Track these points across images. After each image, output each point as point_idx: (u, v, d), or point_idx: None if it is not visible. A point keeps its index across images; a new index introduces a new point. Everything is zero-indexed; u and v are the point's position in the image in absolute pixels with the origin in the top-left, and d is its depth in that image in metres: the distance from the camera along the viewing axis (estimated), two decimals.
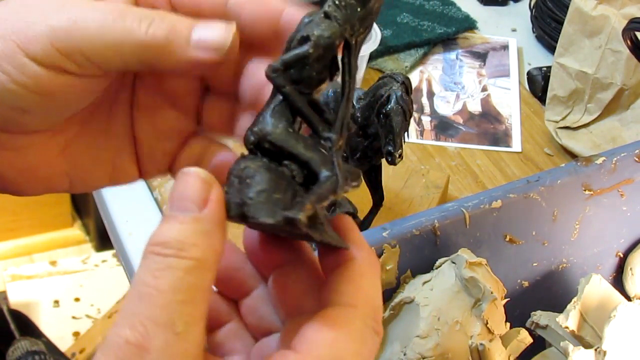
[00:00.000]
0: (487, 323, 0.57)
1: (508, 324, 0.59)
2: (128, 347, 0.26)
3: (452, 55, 1.20)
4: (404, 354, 0.57)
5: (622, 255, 0.72)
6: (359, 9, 0.32)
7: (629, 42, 0.83)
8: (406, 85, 0.68)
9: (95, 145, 0.38)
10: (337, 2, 0.32)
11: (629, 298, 0.68)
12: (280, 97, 0.32)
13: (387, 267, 0.59)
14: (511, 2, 1.33)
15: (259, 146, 0.31)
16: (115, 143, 0.38)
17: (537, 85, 1.12)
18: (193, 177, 0.29)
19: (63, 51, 0.32)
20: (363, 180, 0.79)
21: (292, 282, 0.33)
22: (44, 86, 0.33)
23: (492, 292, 0.57)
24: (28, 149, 0.36)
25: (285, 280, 0.34)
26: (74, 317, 1.74)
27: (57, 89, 0.33)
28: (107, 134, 0.38)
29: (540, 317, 0.62)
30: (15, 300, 1.76)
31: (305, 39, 0.31)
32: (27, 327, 1.42)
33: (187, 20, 0.33)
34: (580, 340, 0.60)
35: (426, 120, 1.09)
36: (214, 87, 0.38)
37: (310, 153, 0.30)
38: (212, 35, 0.32)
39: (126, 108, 0.38)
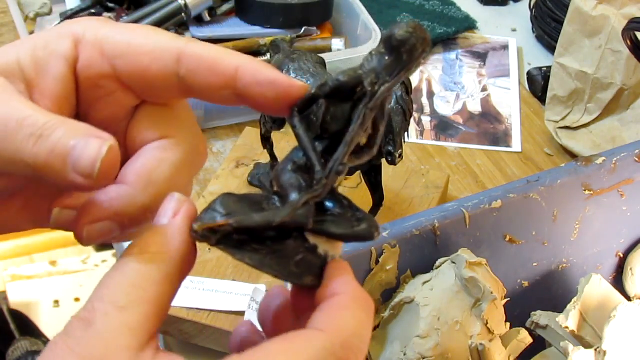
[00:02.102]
0: (487, 323, 0.57)
1: (508, 324, 0.59)
2: (75, 321, 0.29)
3: (452, 55, 1.20)
4: (404, 354, 0.57)
5: (622, 255, 0.72)
6: (386, 58, 0.32)
7: (629, 42, 0.83)
8: (406, 85, 0.68)
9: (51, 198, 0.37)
10: (371, 52, 0.33)
11: (629, 298, 0.68)
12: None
13: (387, 267, 0.59)
14: (511, 2, 1.33)
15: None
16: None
17: (537, 85, 1.12)
18: (169, 199, 0.32)
19: None
20: (363, 180, 0.79)
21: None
22: None
23: (492, 292, 0.57)
24: None
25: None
26: None
27: None
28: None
29: (540, 317, 0.62)
30: (15, 300, 1.76)
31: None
32: (27, 327, 1.42)
33: (76, 134, 0.31)
34: (580, 340, 0.60)
35: (426, 120, 1.09)
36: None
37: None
38: (84, 160, 0.31)
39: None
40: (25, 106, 0.32)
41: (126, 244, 0.32)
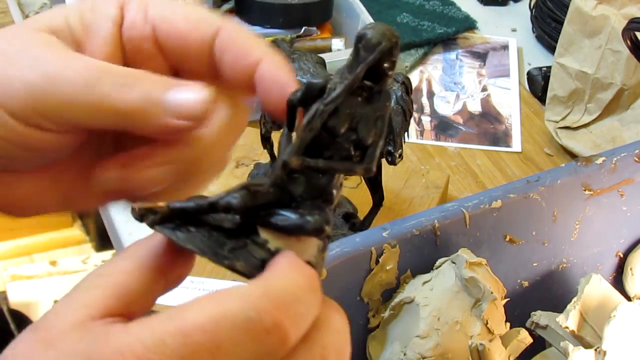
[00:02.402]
0: (487, 323, 0.57)
1: (508, 324, 0.59)
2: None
3: (452, 55, 1.20)
4: (404, 354, 0.57)
5: (622, 255, 0.72)
6: (351, 58, 0.32)
7: (629, 42, 0.83)
8: (406, 85, 0.68)
9: (87, 175, 0.37)
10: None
11: (629, 298, 0.68)
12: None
13: (387, 267, 0.59)
14: (511, 2, 1.33)
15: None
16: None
17: (537, 85, 1.12)
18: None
19: (40, 111, 0.32)
20: (363, 180, 0.79)
21: None
22: (25, 141, 0.33)
23: (492, 292, 0.57)
24: (18, 183, 0.36)
25: None
26: None
27: (39, 144, 0.33)
28: (96, 164, 0.38)
29: (540, 317, 0.62)
30: (15, 300, 1.76)
31: None
32: (27, 327, 1.42)
33: (162, 84, 0.32)
34: (580, 340, 0.60)
35: (426, 120, 1.09)
36: None
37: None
38: (186, 102, 0.32)
39: (109, 140, 0.38)
40: (97, 60, 0.33)
41: (126, 244, 0.32)
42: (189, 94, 0.32)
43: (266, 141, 0.82)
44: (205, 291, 0.75)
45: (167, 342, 0.26)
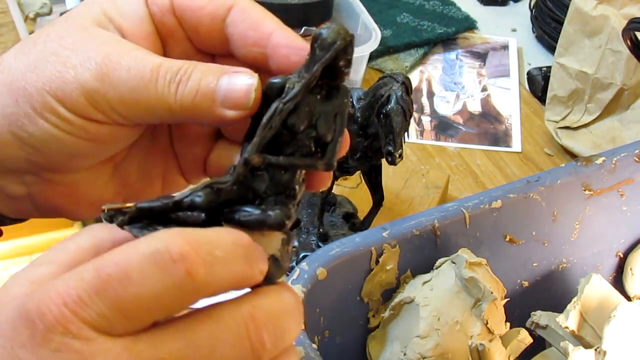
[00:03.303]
0: (487, 323, 0.57)
1: (508, 324, 0.59)
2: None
3: (452, 55, 1.20)
4: (404, 354, 0.57)
5: (622, 255, 0.72)
6: (308, 57, 0.33)
7: (629, 42, 0.83)
8: (406, 85, 0.68)
9: (144, 165, 0.39)
10: None
11: (629, 298, 0.68)
12: None
13: (387, 267, 0.59)
14: (511, 2, 1.33)
15: None
16: (162, 158, 0.40)
17: (537, 85, 1.12)
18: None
19: (98, 108, 0.33)
20: (363, 180, 0.79)
21: None
22: (88, 134, 0.34)
23: (492, 292, 0.57)
24: (79, 182, 0.37)
25: None
26: None
27: (100, 136, 0.34)
28: (153, 153, 0.40)
29: (540, 317, 0.62)
30: None
31: None
32: None
33: (212, 72, 0.33)
34: (580, 340, 0.60)
35: (426, 120, 1.09)
36: None
37: None
38: (236, 92, 0.33)
39: (165, 125, 0.40)
40: (148, 54, 0.34)
41: None
42: (239, 84, 0.33)
43: None
44: None
45: (84, 276, 0.27)
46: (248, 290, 0.30)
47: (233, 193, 0.32)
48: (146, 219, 0.31)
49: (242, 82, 0.33)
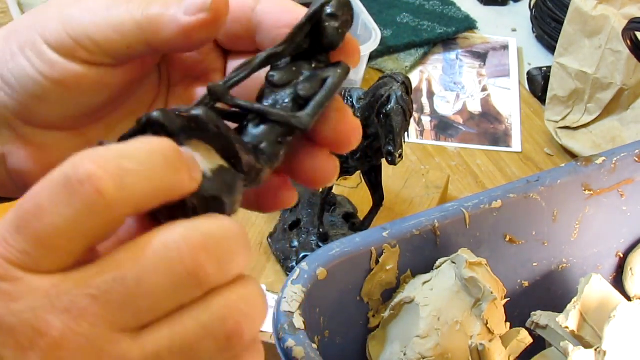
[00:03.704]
0: (487, 323, 0.57)
1: (508, 324, 0.59)
2: None
3: (452, 55, 1.20)
4: (404, 354, 0.57)
5: (622, 255, 0.72)
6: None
7: (629, 42, 0.83)
8: (406, 85, 0.68)
9: None
10: None
11: (629, 298, 0.68)
12: None
13: (387, 267, 0.59)
14: (511, 2, 1.33)
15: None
16: None
17: (537, 85, 1.12)
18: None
19: (74, 36, 0.34)
20: (363, 180, 0.79)
21: None
22: (59, 74, 0.34)
23: (492, 292, 0.57)
24: (50, 146, 0.37)
25: None
26: None
27: (71, 78, 0.34)
28: None
29: (540, 317, 0.62)
30: None
31: None
32: None
33: None
34: (580, 340, 0.60)
35: (426, 120, 1.09)
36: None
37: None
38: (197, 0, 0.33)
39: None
40: None
41: None
42: None
43: None
44: None
45: (7, 216, 0.27)
46: None
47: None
48: None
49: None
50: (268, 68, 0.34)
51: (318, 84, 0.32)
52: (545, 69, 1.11)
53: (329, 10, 0.32)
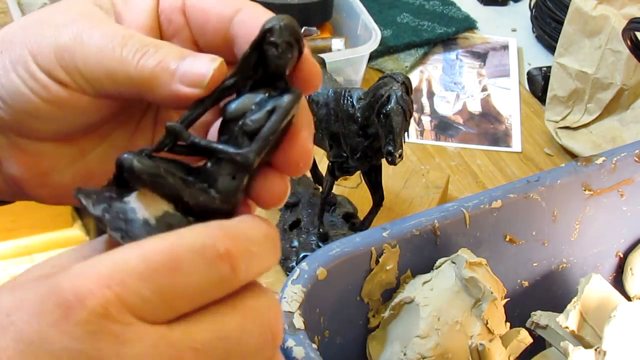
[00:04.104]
0: (487, 323, 0.57)
1: (508, 324, 0.59)
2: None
3: (452, 55, 1.20)
4: (404, 354, 0.57)
5: (622, 255, 0.72)
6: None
7: (629, 42, 0.83)
8: (406, 85, 0.68)
9: (114, 161, 0.39)
10: None
11: (629, 298, 0.68)
12: None
13: (387, 267, 0.59)
14: (511, 2, 1.33)
15: None
16: None
17: (537, 85, 1.12)
18: None
19: (64, 67, 0.34)
20: (363, 180, 0.79)
21: None
22: (51, 96, 0.35)
23: (492, 292, 0.57)
24: (44, 155, 0.37)
25: None
26: None
27: (63, 102, 0.35)
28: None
29: (540, 317, 0.62)
30: None
31: None
32: None
33: (177, 54, 0.34)
34: (580, 340, 0.60)
35: (426, 120, 1.09)
36: None
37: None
38: (194, 70, 0.33)
39: (150, 127, 0.40)
40: (127, 28, 0.35)
41: None
42: (199, 64, 0.33)
43: None
44: None
45: (128, 260, 0.27)
46: None
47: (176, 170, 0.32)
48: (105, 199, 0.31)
49: (203, 62, 0.33)
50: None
51: (265, 116, 0.32)
52: (545, 69, 1.11)
53: (269, 37, 0.32)
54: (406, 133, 0.68)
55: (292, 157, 0.33)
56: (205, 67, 0.33)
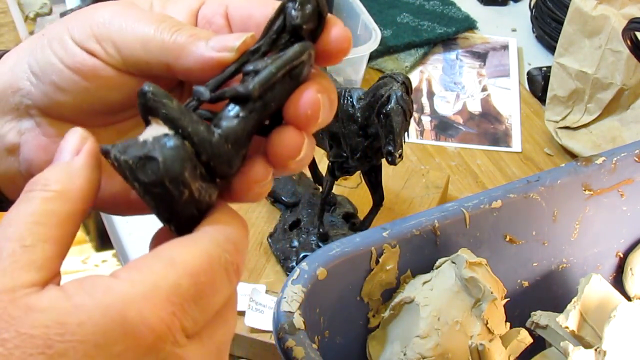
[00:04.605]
0: (487, 323, 0.57)
1: (508, 324, 0.59)
2: None
3: (452, 55, 1.20)
4: (404, 354, 0.57)
5: (622, 255, 0.72)
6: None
7: (629, 42, 0.83)
8: (406, 85, 0.68)
9: None
10: None
11: (629, 298, 0.68)
12: None
13: (387, 267, 0.59)
14: (511, 2, 1.33)
15: None
16: None
17: (537, 85, 1.12)
18: (72, 133, 0.34)
19: (98, 36, 0.36)
20: (363, 180, 0.79)
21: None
22: (78, 64, 0.36)
23: (492, 292, 0.57)
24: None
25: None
26: None
27: (89, 71, 0.36)
28: None
29: (540, 317, 0.62)
30: None
31: None
32: None
33: (210, 32, 0.36)
34: (580, 340, 0.60)
35: (426, 120, 1.09)
36: None
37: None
38: (226, 40, 0.35)
39: None
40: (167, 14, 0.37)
41: (128, 246, 0.33)
42: (230, 37, 0.35)
43: None
44: None
45: (184, 286, 0.29)
46: None
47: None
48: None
49: (234, 35, 0.35)
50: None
51: (273, 60, 0.33)
52: (545, 69, 1.11)
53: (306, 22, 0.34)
54: (406, 133, 0.68)
55: (300, 106, 0.34)
56: (237, 37, 0.35)
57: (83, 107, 0.38)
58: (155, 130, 0.31)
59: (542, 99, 1.11)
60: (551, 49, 1.15)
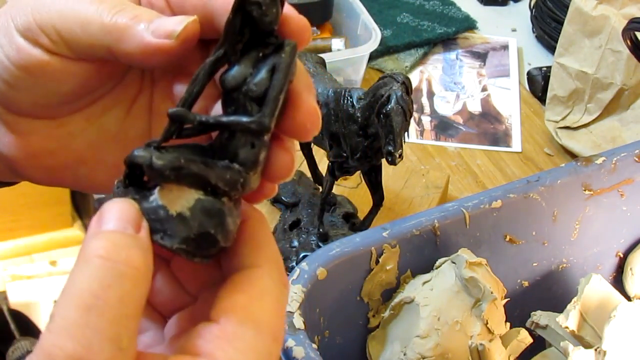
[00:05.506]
0: (487, 323, 0.57)
1: (508, 324, 0.59)
2: None
3: (452, 55, 1.20)
4: (404, 354, 0.57)
5: (622, 255, 0.72)
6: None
7: (629, 42, 0.83)
8: (406, 85, 0.68)
9: (105, 147, 0.39)
10: None
11: (629, 298, 0.68)
12: None
13: (387, 267, 0.59)
14: (511, 2, 1.33)
15: None
16: (129, 147, 0.38)
17: (537, 85, 1.12)
18: (126, 204, 0.30)
19: (39, 23, 0.34)
20: (363, 180, 0.79)
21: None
22: (24, 60, 0.35)
23: (492, 292, 0.57)
24: (31, 135, 0.38)
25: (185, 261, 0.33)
26: None
27: (34, 64, 0.35)
28: (119, 138, 0.39)
29: (540, 317, 0.62)
30: (15, 300, 1.76)
31: None
32: (27, 327, 1.42)
33: (153, 14, 0.34)
34: (580, 340, 0.60)
35: (426, 120, 1.09)
36: None
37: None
38: (167, 24, 0.33)
39: (145, 115, 0.39)
40: None
41: None
42: (172, 20, 0.33)
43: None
44: None
45: (274, 353, 0.30)
46: None
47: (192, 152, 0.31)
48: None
49: (176, 19, 0.33)
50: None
51: (267, 76, 0.31)
52: (545, 69, 1.11)
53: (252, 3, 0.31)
54: (406, 133, 0.68)
55: (300, 120, 0.32)
56: (178, 22, 0.33)
57: (40, 102, 0.36)
58: (179, 196, 0.30)
59: (542, 99, 1.11)
60: (551, 49, 1.15)
